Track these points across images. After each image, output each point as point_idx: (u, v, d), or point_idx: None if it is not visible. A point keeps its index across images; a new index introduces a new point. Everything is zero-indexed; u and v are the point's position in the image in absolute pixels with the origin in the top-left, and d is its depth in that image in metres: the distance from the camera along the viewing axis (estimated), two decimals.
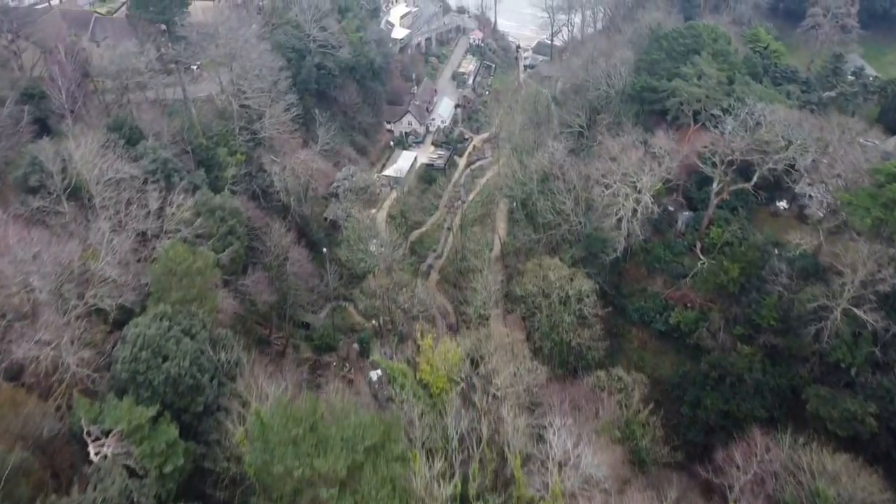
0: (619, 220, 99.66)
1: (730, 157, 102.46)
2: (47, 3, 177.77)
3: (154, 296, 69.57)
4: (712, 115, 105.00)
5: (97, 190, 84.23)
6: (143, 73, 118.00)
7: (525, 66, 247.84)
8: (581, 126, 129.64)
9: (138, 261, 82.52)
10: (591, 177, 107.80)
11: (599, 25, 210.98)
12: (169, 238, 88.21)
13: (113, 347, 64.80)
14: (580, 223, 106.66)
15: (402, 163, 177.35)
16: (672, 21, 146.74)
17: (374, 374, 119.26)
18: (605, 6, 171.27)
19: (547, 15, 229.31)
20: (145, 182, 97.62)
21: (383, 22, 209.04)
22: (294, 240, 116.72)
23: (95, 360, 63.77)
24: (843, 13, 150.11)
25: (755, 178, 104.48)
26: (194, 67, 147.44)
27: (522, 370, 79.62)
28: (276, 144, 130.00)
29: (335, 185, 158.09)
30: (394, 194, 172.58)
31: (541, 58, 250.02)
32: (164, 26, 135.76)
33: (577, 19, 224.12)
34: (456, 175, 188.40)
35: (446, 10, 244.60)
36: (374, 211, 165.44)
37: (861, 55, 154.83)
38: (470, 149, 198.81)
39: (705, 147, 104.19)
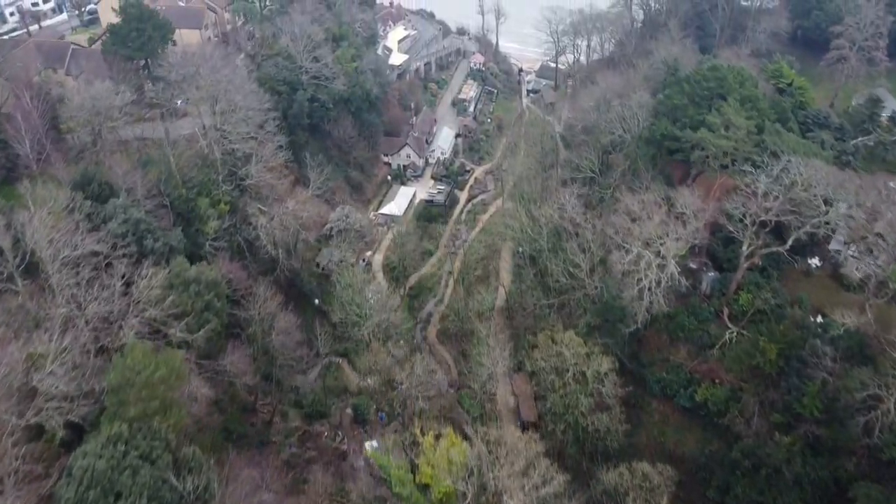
0: (641, 291, 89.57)
1: (762, 218, 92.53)
2: (25, 31, 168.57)
3: (109, 411, 59.37)
4: (742, 170, 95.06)
5: (54, 268, 73.96)
6: (118, 118, 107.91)
7: (528, 91, 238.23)
8: (593, 171, 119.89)
9: (98, 351, 72.31)
10: (608, 235, 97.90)
11: (608, 49, 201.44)
12: (137, 318, 78.22)
13: (57, 481, 54.49)
14: (597, 288, 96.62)
15: (401, 200, 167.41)
16: (688, 56, 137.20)
17: (370, 446, 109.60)
18: (613, 33, 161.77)
19: (546, 29, 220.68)
20: (113, 249, 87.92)
21: (381, 47, 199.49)
22: (282, 302, 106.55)
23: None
24: (871, 46, 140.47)
25: (791, 242, 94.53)
26: (179, 102, 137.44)
27: (537, 479, 69.34)
28: (264, 190, 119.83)
29: (329, 227, 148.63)
30: (391, 234, 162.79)
31: (544, 81, 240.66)
32: (144, 61, 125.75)
33: (583, 43, 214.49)
34: (457, 211, 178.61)
35: (446, 32, 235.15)
36: (370, 254, 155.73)
37: (889, 90, 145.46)
38: (471, 181, 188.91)
39: (735, 207, 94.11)
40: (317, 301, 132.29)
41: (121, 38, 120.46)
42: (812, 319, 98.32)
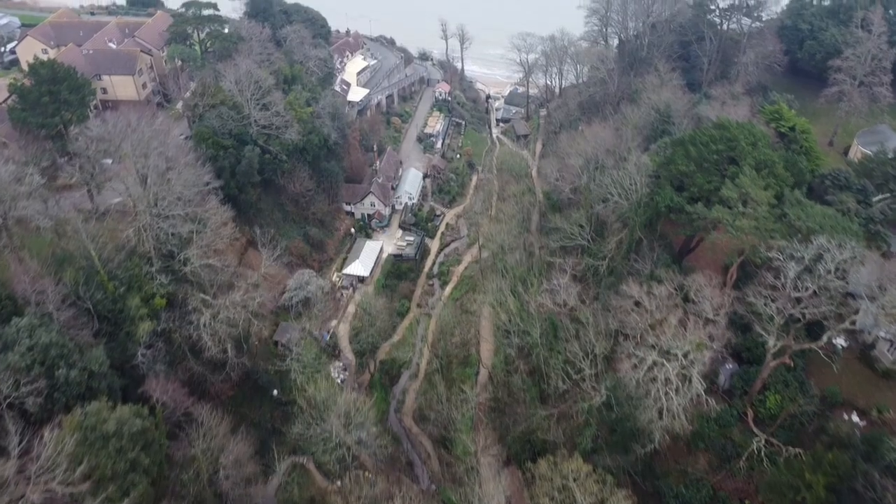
0: (660, 410, 75.29)
1: (791, 313, 79.12)
2: None
3: None
4: (767, 256, 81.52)
5: None
6: (25, 206, 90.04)
7: (498, 121, 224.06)
8: (587, 240, 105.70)
9: None
10: (614, 329, 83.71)
11: (584, 74, 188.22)
12: (40, 492, 61.28)
13: None
14: (605, 397, 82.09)
15: (366, 257, 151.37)
16: (678, 98, 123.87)
17: None
18: (593, 69, 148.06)
19: (516, 58, 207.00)
20: (15, 387, 70.98)
21: (338, 81, 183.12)
22: (232, 419, 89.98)
23: None
24: (874, 81, 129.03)
25: (825, 339, 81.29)
26: (108, 161, 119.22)
27: None
28: (209, 276, 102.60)
29: (287, 296, 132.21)
30: (358, 296, 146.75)
31: (514, 109, 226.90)
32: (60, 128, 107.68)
33: (554, 70, 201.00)
34: (429, 262, 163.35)
35: (408, 59, 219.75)
36: (335, 323, 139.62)
37: (892, 127, 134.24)
38: (442, 227, 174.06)
39: (760, 301, 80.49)
40: (275, 392, 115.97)
41: (30, 103, 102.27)
42: (850, 421, 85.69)
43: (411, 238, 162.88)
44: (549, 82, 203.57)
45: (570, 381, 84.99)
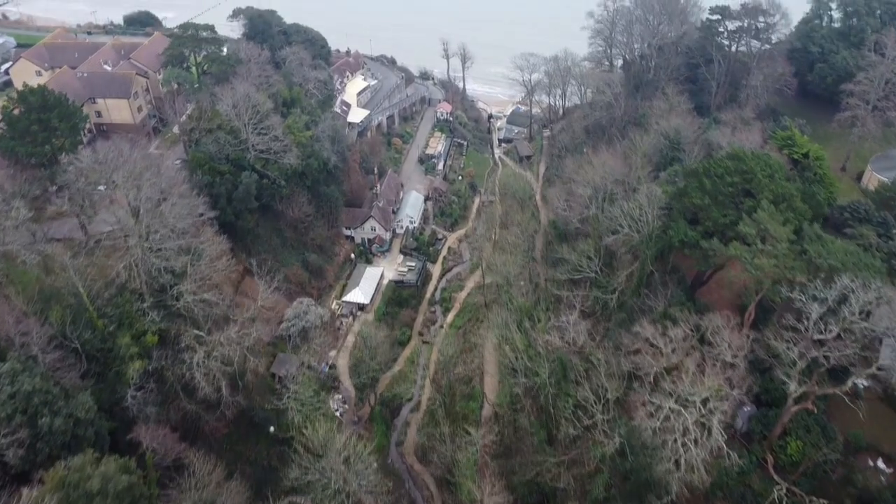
0: (677, 461, 71.15)
1: (815, 356, 75.16)
2: None
3: None
4: (789, 296, 77.66)
5: None
6: (10, 241, 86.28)
7: (500, 141, 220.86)
8: (596, 272, 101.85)
9: None
10: (627, 376, 79.71)
11: (588, 95, 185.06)
12: None
13: None
14: (618, 445, 77.87)
15: (366, 284, 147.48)
16: (688, 123, 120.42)
17: None
18: (597, 91, 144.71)
19: (519, 78, 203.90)
20: None
21: (338, 102, 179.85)
22: (225, 468, 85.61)
23: None
24: (888, 105, 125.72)
25: (850, 384, 77.31)
26: (101, 188, 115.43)
27: None
28: (203, 310, 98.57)
29: (285, 326, 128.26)
30: (357, 325, 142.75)
31: (516, 129, 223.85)
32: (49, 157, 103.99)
33: (558, 91, 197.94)
34: (430, 288, 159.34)
35: (409, 79, 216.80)
36: (334, 354, 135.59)
37: None
38: (444, 252, 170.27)
39: (782, 345, 76.56)
40: (272, 429, 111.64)
41: (19, 131, 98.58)
42: (875, 469, 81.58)
43: (413, 263, 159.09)
44: (552, 102, 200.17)
45: (580, 427, 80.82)
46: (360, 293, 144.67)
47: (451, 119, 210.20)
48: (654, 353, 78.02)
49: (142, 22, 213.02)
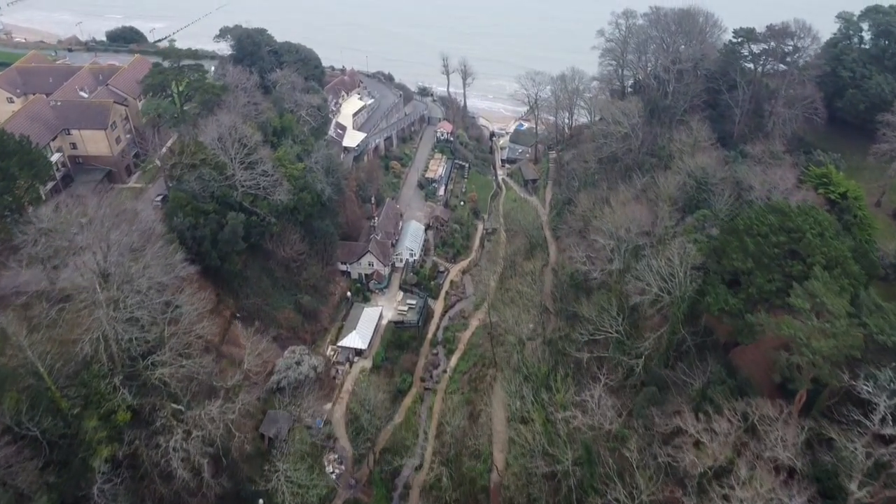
0: None
1: (882, 454, 65.09)
2: None
3: None
4: (851, 384, 67.50)
5: None
6: None
7: (503, 161, 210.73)
8: (619, 332, 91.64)
9: None
10: (665, 468, 69.48)
11: (597, 118, 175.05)
12: None
13: None
14: None
15: (364, 326, 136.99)
16: (714, 160, 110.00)
17: None
18: (608, 115, 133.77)
19: (524, 98, 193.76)
20: None
21: (332, 125, 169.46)
22: None
23: None
24: None
25: None
26: (73, 230, 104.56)
27: None
28: (181, 378, 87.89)
29: (275, 378, 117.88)
30: (355, 371, 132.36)
31: (520, 149, 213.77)
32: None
33: (565, 113, 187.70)
34: (432, 328, 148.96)
35: (407, 97, 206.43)
36: (329, 406, 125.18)
37: None
38: (446, 286, 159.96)
39: (839, 432, 66.54)
40: (261, 502, 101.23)
41: None
42: None
43: (413, 301, 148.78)
44: (559, 123, 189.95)
45: None
46: (357, 337, 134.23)
47: (451, 139, 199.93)
48: (695, 446, 67.81)
49: (125, 38, 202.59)
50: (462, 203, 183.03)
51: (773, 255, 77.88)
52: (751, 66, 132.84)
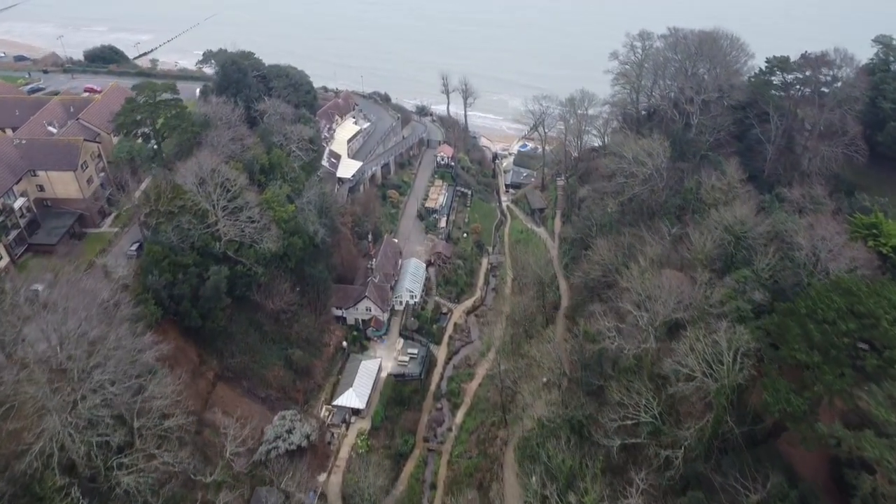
0: None
1: None
2: None
3: None
4: None
5: None
6: None
7: (507, 186, 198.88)
8: (654, 417, 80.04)
9: None
10: None
11: (606, 138, 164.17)
12: None
13: None
14: None
15: (361, 383, 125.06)
16: (749, 209, 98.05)
17: None
18: (630, 154, 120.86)
19: (529, 112, 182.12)
20: None
21: (326, 154, 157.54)
22: None
23: None
24: None
25: None
26: (38, 287, 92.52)
27: None
28: (151, 486, 75.92)
29: (264, 448, 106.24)
30: (352, 434, 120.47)
31: (525, 172, 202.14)
32: None
33: (575, 138, 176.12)
34: (436, 377, 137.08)
35: (405, 119, 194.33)
36: (323, 477, 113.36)
37: None
38: (450, 329, 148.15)
39: None
40: None
41: None
42: None
43: (414, 351, 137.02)
44: (567, 148, 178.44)
45: None
46: (353, 395, 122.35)
47: (452, 164, 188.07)
48: None
49: (104, 58, 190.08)
50: (465, 235, 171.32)
51: (843, 344, 66.39)
52: (782, 95, 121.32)
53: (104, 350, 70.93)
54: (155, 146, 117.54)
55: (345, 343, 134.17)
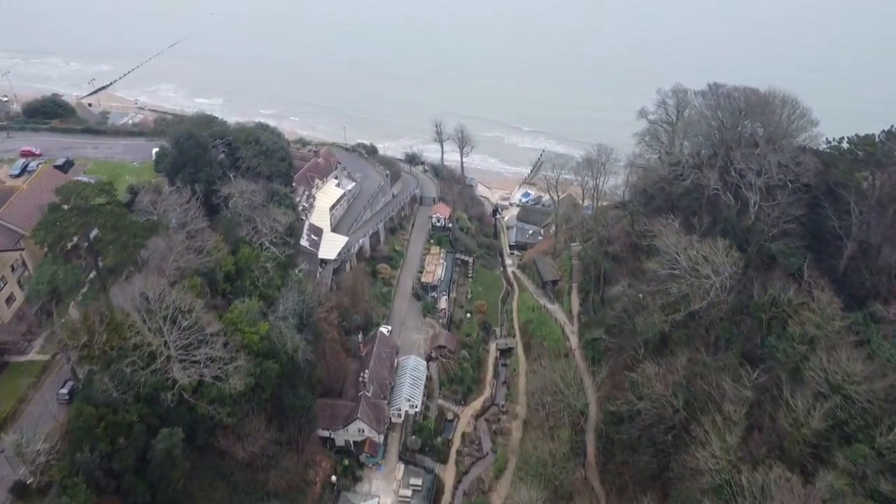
0: None
1: None
2: None
3: None
4: None
5: None
6: None
7: (511, 247, 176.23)
8: None
9: None
10: None
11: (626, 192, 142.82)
12: None
13: None
14: None
15: None
16: (858, 359, 76.18)
17: None
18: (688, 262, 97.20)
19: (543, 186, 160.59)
20: None
21: (304, 230, 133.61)
22: None
23: None
24: None
25: None
26: None
27: None
28: None
29: None
30: None
31: (530, 229, 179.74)
32: None
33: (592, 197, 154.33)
34: None
35: (395, 175, 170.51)
36: None
37: None
38: (457, 442, 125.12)
39: None
40: None
41: None
42: None
43: (418, 481, 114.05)
44: (583, 205, 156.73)
45: None
46: None
47: (450, 226, 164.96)
48: None
49: (46, 112, 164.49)
50: (468, 315, 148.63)
51: None
52: (868, 177, 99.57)
53: None
54: (84, 265, 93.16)
55: (334, 477, 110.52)
